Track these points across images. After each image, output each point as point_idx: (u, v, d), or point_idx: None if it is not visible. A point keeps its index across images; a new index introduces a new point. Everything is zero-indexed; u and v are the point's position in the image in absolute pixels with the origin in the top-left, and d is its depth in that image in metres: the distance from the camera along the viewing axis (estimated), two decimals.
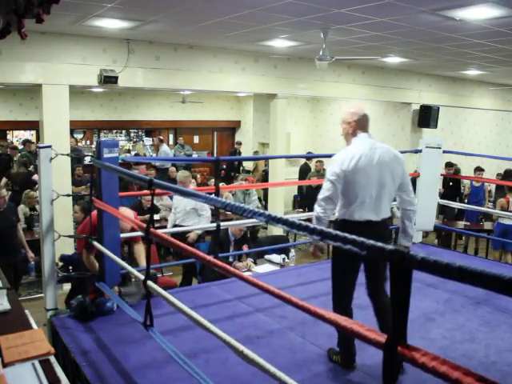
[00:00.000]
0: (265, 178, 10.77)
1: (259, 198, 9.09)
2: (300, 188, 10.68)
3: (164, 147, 12.41)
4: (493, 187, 9.31)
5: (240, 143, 13.39)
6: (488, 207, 8.62)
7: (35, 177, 7.76)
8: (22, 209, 6.89)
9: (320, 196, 2.73)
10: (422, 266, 1.12)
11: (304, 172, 10.49)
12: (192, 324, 2.16)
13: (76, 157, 7.10)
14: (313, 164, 10.30)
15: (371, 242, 1.26)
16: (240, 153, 12.98)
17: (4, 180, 8.37)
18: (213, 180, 10.24)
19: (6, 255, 4.78)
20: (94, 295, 3.52)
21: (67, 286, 5.17)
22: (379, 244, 1.24)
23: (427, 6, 4.67)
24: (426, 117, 10.09)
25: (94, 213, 3.49)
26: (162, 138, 12.93)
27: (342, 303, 2.79)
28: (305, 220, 1.77)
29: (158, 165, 10.28)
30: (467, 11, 4.75)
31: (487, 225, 8.03)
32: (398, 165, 2.79)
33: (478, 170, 8.53)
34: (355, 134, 2.81)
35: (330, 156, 3.17)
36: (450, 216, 8.75)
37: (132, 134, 14.31)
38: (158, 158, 11.80)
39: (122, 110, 13.22)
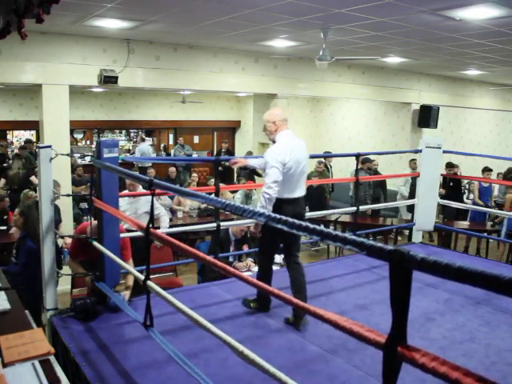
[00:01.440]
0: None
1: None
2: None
3: (140, 145, 12.21)
4: (496, 187, 9.30)
5: (226, 142, 12.86)
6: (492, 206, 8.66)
7: (33, 178, 7.78)
8: None
9: (270, 180, 3.32)
10: (421, 266, 1.12)
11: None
12: (192, 324, 2.16)
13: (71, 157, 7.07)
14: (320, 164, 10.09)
15: (371, 242, 1.27)
16: (229, 152, 12.32)
17: (3, 181, 8.36)
18: (212, 180, 10.24)
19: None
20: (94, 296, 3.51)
21: (67, 286, 5.17)
22: (379, 245, 1.25)
23: (427, 6, 4.67)
24: (426, 117, 10.09)
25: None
26: (144, 137, 12.92)
27: (268, 263, 3.62)
28: (305, 220, 1.77)
29: (139, 163, 10.20)
30: (467, 11, 4.75)
31: (489, 225, 8.05)
32: (307, 156, 3.63)
33: (487, 170, 8.45)
34: (280, 130, 3.47)
35: (342, 156, 3.49)
36: (450, 216, 8.74)
37: (132, 134, 14.31)
38: (157, 159, 11.78)
39: (122, 109, 13.21)
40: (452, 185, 8.63)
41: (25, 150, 9.46)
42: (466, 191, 9.51)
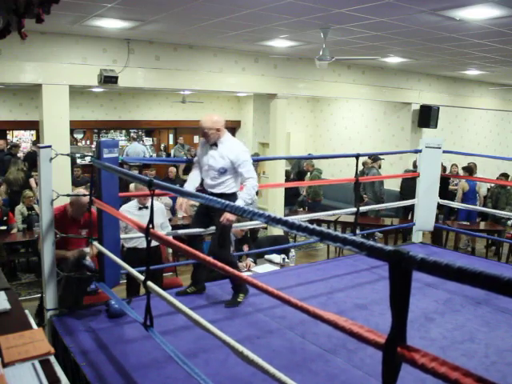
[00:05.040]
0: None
1: None
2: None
3: (130, 145, 12.10)
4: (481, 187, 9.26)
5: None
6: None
7: (31, 180, 7.77)
8: (20, 209, 6.87)
9: (254, 174, 3.62)
10: (421, 266, 1.12)
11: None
12: (192, 324, 2.16)
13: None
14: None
15: (371, 242, 1.27)
16: None
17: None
18: None
19: None
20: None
21: None
22: (378, 245, 1.25)
23: (427, 6, 4.67)
24: (426, 117, 10.09)
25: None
26: (135, 136, 12.90)
27: (228, 253, 3.82)
28: (305, 221, 1.77)
29: (130, 162, 10.15)
30: (467, 11, 4.75)
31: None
32: None
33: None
34: (223, 134, 3.62)
35: (342, 156, 3.44)
36: (447, 216, 8.74)
37: (132, 134, 14.31)
38: (157, 159, 11.78)
39: (122, 109, 13.21)
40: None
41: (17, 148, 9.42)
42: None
